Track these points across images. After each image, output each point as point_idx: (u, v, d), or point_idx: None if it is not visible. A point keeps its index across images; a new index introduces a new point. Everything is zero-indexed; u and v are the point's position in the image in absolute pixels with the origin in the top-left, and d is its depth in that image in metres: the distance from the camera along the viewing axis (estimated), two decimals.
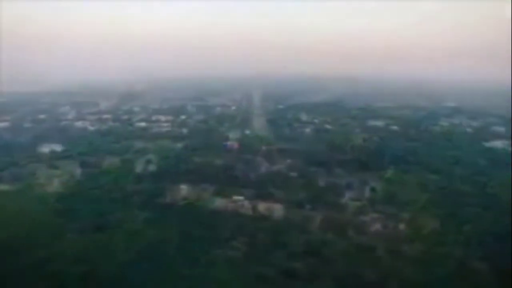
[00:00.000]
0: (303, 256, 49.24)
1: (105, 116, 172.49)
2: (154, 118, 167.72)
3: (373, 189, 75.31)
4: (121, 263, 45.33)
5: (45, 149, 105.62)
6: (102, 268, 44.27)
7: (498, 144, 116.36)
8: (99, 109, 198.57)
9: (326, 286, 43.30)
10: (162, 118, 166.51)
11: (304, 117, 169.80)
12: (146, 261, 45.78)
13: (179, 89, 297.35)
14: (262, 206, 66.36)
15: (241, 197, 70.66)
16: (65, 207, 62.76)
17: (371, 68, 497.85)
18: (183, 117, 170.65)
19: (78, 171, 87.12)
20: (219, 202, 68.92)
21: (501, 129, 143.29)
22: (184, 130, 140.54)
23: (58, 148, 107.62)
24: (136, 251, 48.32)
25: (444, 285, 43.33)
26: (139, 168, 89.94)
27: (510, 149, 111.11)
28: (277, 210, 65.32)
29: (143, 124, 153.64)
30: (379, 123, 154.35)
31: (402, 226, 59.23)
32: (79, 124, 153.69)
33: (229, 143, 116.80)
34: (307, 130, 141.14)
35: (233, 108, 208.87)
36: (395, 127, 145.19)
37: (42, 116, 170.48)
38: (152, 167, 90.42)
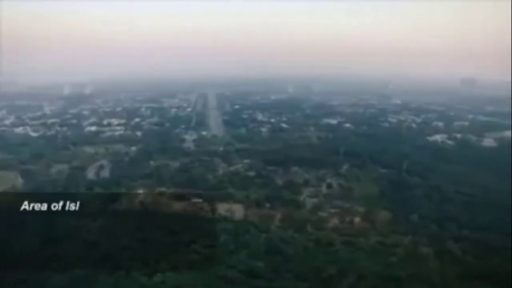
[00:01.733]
0: (264, 255, 49.84)
1: (51, 120, 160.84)
2: (105, 121, 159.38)
3: (329, 185, 78.10)
4: (76, 276, 42.84)
5: None
6: (55, 282, 41.48)
7: (438, 138, 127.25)
8: (44, 113, 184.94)
9: (288, 282, 44.21)
10: (115, 121, 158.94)
11: (260, 116, 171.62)
12: (103, 271, 43.66)
13: (131, 91, 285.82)
14: (221, 207, 65.93)
15: (199, 199, 69.69)
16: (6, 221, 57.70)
17: (329, 68, 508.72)
18: (137, 119, 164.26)
19: (19, 181, 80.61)
20: (177, 206, 67.41)
21: (440, 123, 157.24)
22: (138, 133, 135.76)
23: None
24: (91, 262, 45.86)
25: (396, 270, 46.29)
26: (90, 174, 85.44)
27: (449, 142, 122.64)
28: (237, 210, 65.34)
29: (93, 128, 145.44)
30: (333, 121, 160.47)
31: (357, 220, 62.12)
32: (19, 130, 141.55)
33: (185, 145, 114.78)
34: (264, 129, 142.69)
35: (189, 109, 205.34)
36: (348, 125, 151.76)
37: None
38: (105, 173, 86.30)
